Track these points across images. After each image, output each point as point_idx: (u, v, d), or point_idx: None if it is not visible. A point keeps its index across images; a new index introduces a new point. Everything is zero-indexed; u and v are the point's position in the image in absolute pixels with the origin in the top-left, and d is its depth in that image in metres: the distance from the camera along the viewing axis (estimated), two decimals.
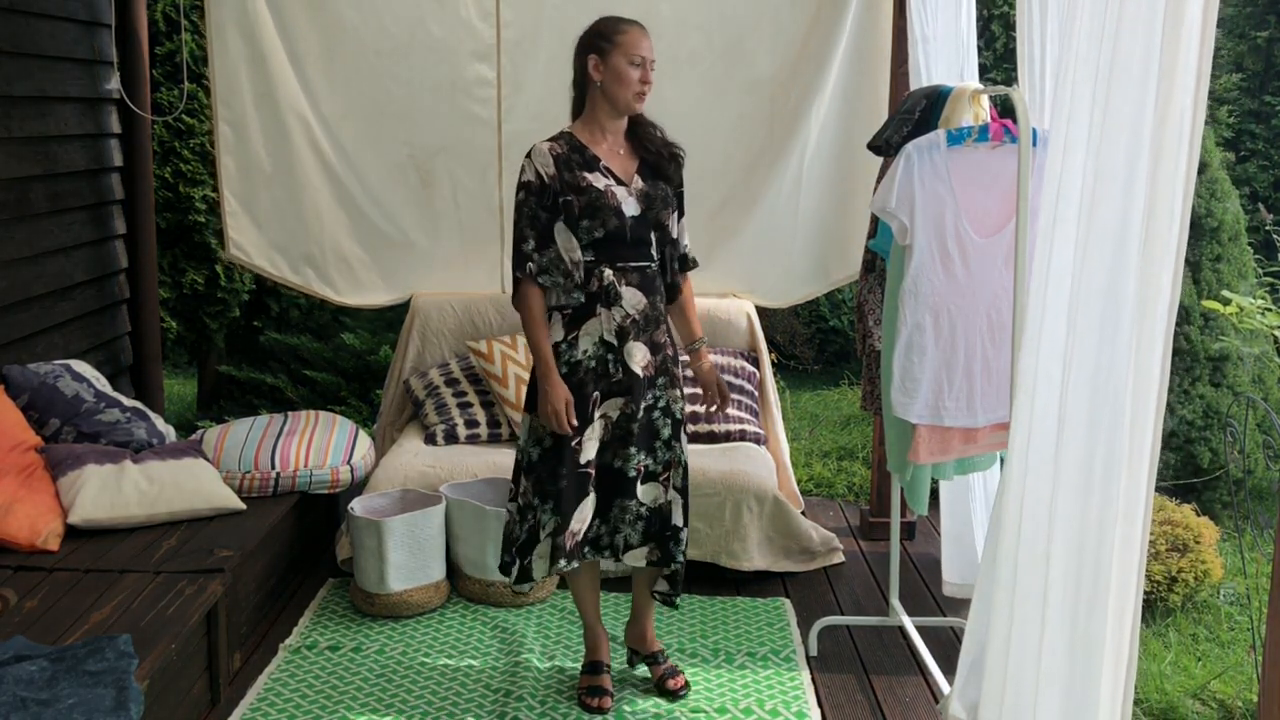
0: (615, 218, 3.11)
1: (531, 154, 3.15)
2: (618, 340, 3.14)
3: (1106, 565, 2.02)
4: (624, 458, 3.18)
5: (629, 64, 3.10)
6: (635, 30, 3.14)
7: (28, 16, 4.18)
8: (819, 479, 5.73)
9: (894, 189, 2.83)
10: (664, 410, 3.23)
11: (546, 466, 3.15)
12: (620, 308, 3.13)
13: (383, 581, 3.79)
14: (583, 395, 3.13)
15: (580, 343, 3.14)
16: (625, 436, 3.17)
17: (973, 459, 3.12)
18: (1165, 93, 1.86)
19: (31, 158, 4.20)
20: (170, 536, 3.59)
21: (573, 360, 3.14)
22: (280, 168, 4.70)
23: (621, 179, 3.16)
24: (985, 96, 3.06)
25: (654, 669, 3.43)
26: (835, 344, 8.25)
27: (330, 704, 3.30)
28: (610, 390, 3.16)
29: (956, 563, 3.93)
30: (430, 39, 4.61)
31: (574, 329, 3.14)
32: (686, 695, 3.35)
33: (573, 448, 3.12)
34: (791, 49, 4.63)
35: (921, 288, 2.82)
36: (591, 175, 3.13)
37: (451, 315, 4.81)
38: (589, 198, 3.10)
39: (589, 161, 3.15)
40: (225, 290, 6.38)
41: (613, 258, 3.13)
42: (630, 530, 3.22)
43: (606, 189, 3.12)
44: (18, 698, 2.50)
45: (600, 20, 3.18)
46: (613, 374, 3.14)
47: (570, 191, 3.11)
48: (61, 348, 4.37)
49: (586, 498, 3.16)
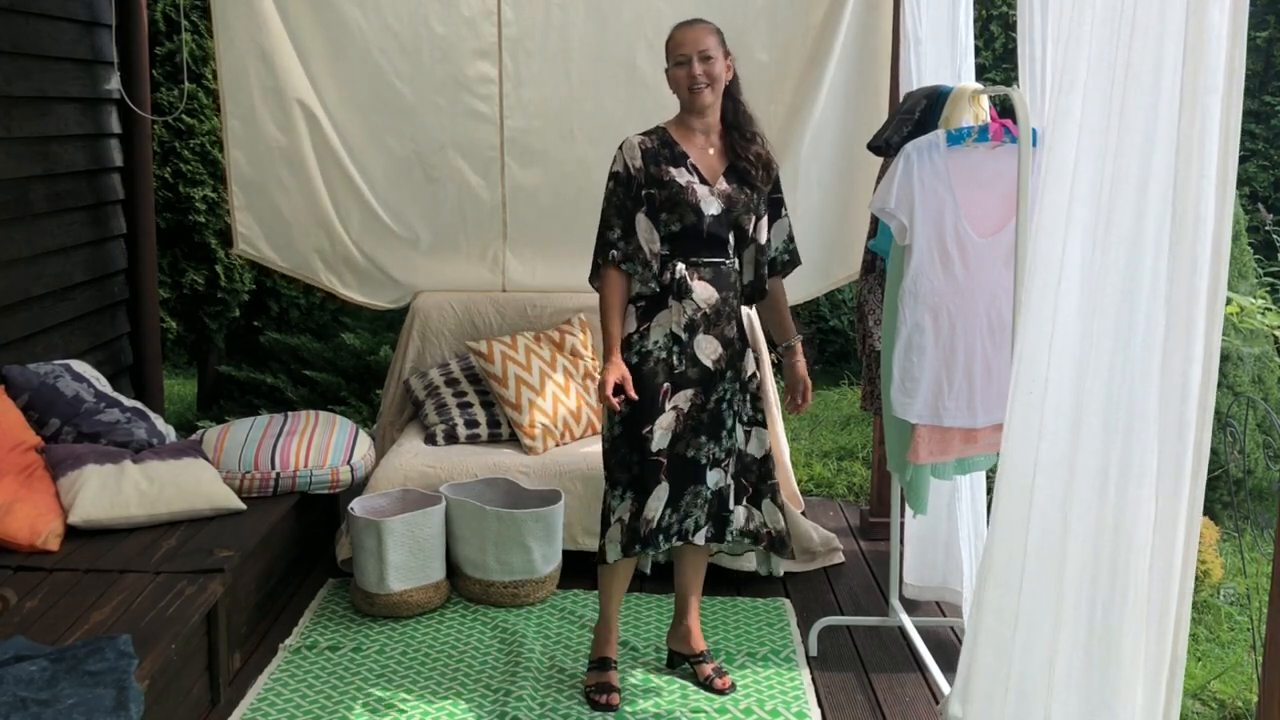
0: (693, 214, 3.18)
1: (623, 146, 3.25)
2: (687, 333, 3.21)
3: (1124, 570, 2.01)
4: (696, 447, 3.24)
5: (676, 65, 3.19)
6: (678, 31, 3.21)
7: (28, 16, 4.18)
8: (819, 479, 5.73)
9: (893, 189, 2.83)
10: (728, 403, 3.29)
11: (618, 453, 3.24)
12: (691, 301, 3.20)
13: (383, 581, 3.79)
14: (653, 385, 3.19)
15: (652, 334, 3.21)
16: (697, 427, 3.23)
17: (972, 459, 3.12)
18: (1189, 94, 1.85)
19: (31, 158, 4.20)
20: (170, 536, 3.59)
21: (644, 350, 3.21)
22: (289, 162, 4.72)
23: (706, 178, 3.22)
24: (985, 96, 3.07)
25: (700, 668, 3.44)
26: (835, 344, 8.25)
27: (330, 704, 3.30)
28: (680, 382, 3.22)
29: (917, 564, 3.92)
30: (433, 36, 4.64)
31: (646, 320, 3.22)
32: (734, 693, 3.37)
33: (643, 435, 3.19)
34: (791, 49, 4.64)
35: (921, 288, 2.82)
36: (675, 170, 3.20)
37: (451, 315, 4.81)
38: (669, 191, 3.18)
39: (676, 157, 3.22)
40: (225, 290, 6.38)
41: (687, 252, 3.21)
42: (700, 513, 3.28)
43: (688, 185, 3.19)
44: (18, 698, 2.50)
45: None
46: (679, 366, 3.21)
47: (653, 184, 3.20)
48: (61, 348, 4.37)
49: (658, 485, 3.20)
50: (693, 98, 3.18)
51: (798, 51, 4.64)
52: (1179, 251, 1.89)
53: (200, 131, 6.17)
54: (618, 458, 3.23)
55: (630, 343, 3.22)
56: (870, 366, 3.51)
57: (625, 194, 3.21)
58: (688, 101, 3.21)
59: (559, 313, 4.78)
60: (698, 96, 3.17)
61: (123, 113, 4.78)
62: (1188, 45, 1.86)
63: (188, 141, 6.15)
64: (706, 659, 3.47)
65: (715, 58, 3.17)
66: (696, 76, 3.15)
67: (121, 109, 4.77)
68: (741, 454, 3.35)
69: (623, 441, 3.21)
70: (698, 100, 3.18)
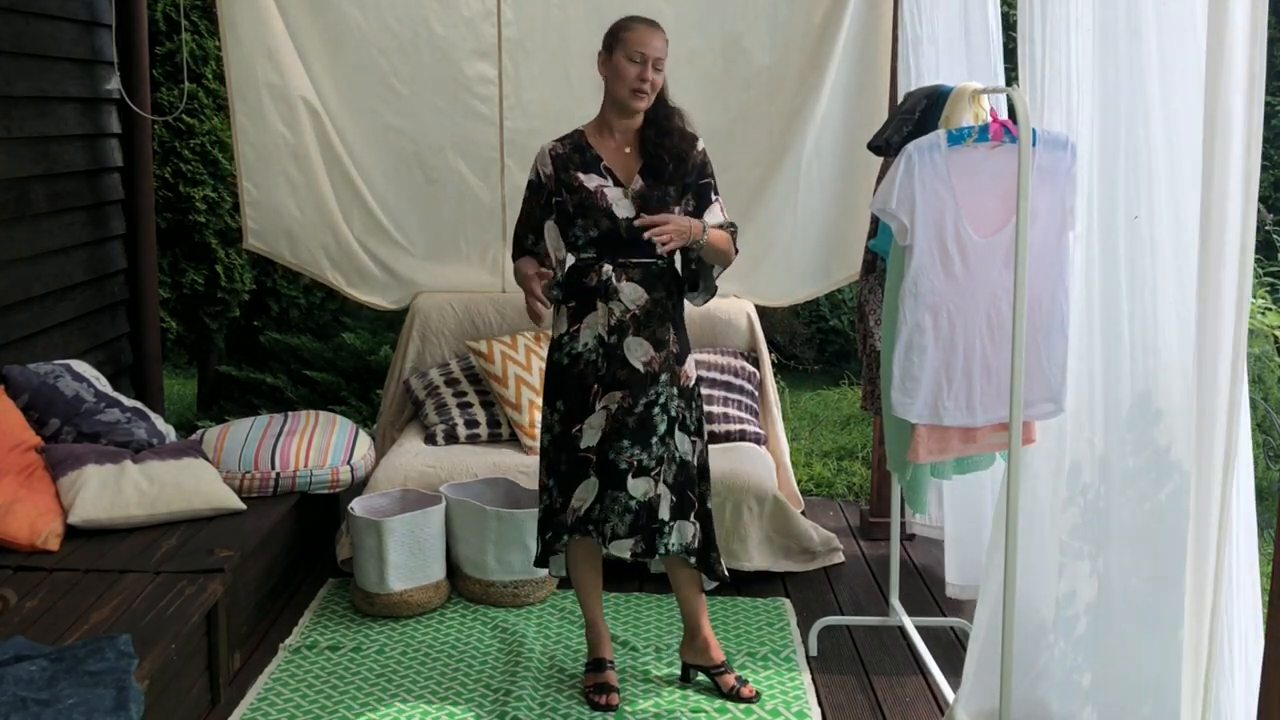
0: (606, 218, 3.17)
1: (538, 155, 3.27)
2: (615, 335, 3.19)
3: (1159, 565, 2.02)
4: (616, 450, 3.21)
5: (628, 60, 3.12)
6: (643, 28, 3.15)
7: (28, 16, 4.18)
8: (819, 479, 5.73)
9: (894, 189, 2.82)
10: (662, 407, 3.23)
11: (547, 458, 3.31)
12: (619, 302, 3.18)
13: (383, 581, 3.79)
14: (583, 386, 3.21)
15: (582, 335, 3.22)
16: (620, 429, 3.21)
17: (972, 459, 3.11)
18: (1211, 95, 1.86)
19: (31, 158, 4.20)
20: (170, 536, 3.59)
21: (574, 352, 3.22)
22: (296, 159, 4.74)
23: (620, 180, 3.19)
24: (985, 96, 3.06)
25: (723, 679, 3.37)
26: (835, 344, 8.25)
27: (330, 704, 3.30)
28: (609, 383, 3.21)
29: (959, 564, 3.92)
30: (433, 37, 4.64)
31: (576, 322, 3.22)
32: (760, 702, 3.33)
33: (572, 434, 3.22)
34: (791, 49, 4.63)
35: (921, 287, 2.81)
36: (585, 176, 3.18)
37: (451, 315, 4.81)
38: (580, 198, 3.18)
39: (588, 162, 3.20)
40: (225, 290, 6.37)
41: (613, 254, 3.19)
42: (618, 521, 3.23)
43: (597, 190, 3.17)
44: (18, 698, 2.50)
45: (620, 18, 3.21)
46: (604, 368, 3.20)
47: (564, 191, 3.20)
48: (61, 348, 4.37)
49: (586, 479, 3.24)
50: (633, 99, 3.14)
51: (798, 52, 4.63)
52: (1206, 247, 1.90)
53: (200, 131, 6.16)
54: (547, 461, 3.30)
55: (561, 344, 3.25)
56: (870, 366, 3.51)
57: (535, 202, 3.27)
58: (625, 100, 3.14)
59: None
60: (639, 99, 3.14)
61: (123, 113, 4.78)
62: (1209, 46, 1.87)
63: (188, 141, 6.14)
64: (727, 669, 3.40)
65: (663, 70, 3.16)
66: (645, 80, 3.12)
67: (121, 109, 4.77)
68: (686, 464, 3.27)
69: (553, 445, 3.27)
70: (637, 103, 3.15)
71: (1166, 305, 2.43)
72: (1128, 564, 2.54)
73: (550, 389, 3.29)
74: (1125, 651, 2.55)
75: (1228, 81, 1.84)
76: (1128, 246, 2.50)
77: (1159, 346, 2.45)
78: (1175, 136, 2.38)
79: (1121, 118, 2.49)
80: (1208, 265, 1.90)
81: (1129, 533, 2.54)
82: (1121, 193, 2.51)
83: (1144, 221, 2.43)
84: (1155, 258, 2.44)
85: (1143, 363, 2.48)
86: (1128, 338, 2.52)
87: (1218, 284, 1.89)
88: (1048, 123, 2.73)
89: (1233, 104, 1.84)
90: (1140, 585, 2.52)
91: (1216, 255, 1.89)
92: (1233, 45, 1.83)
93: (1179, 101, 2.36)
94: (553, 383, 3.29)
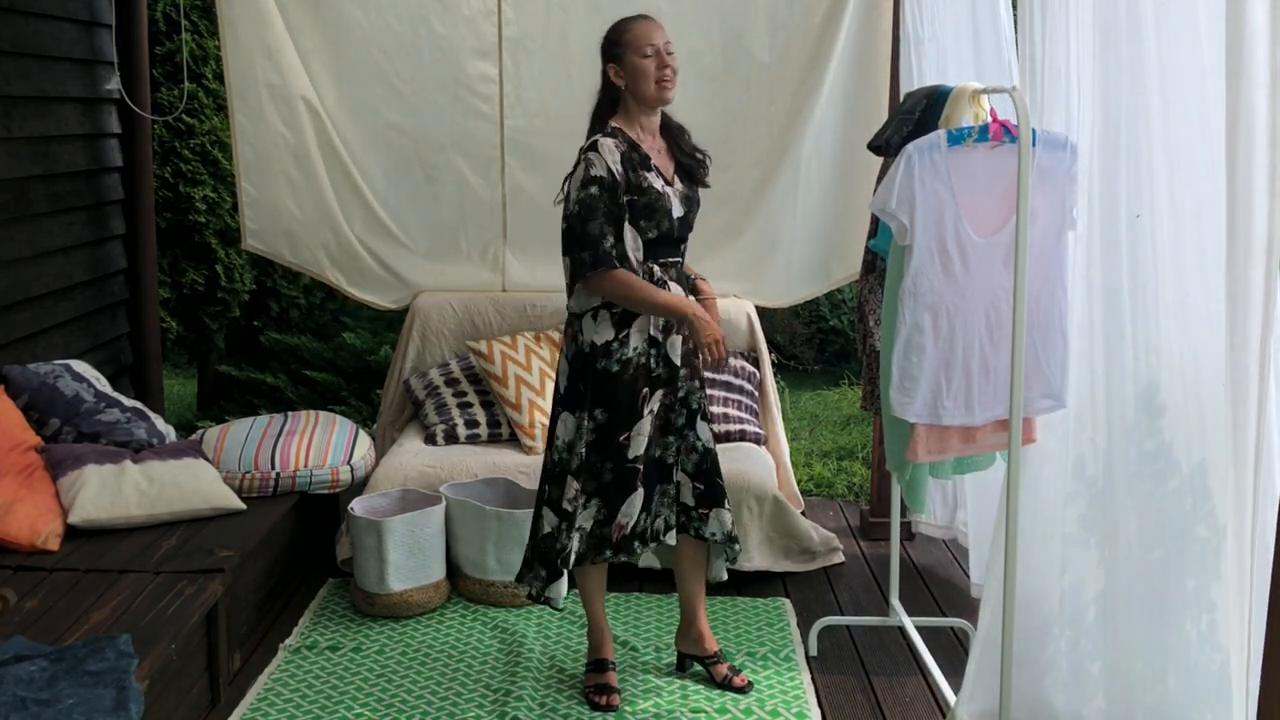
0: (668, 219, 3.17)
1: (600, 149, 3.10)
2: (664, 334, 3.20)
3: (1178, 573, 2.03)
4: (663, 446, 3.25)
5: (641, 58, 3.12)
6: (639, 24, 3.15)
7: (28, 16, 4.18)
8: (819, 479, 5.73)
9: (894, 189, 2.82)
10: (683, 401, 3.27)
11: (590, 462, 3.18)
12: None
13: (383, 581, 3.79)
14: (633, 391, 3.17)
15: (631, 340, 3.17)
16: (665, 426, 3.24)
17: (972, 459, 3.12)
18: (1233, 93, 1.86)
19: (31, 158, 4.20)
20: (170, 536, 3.59)
21: (624, 358, 3.17)
22: (296, 158, 4.73)
23: (666, 179, 3.20)
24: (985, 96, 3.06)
25: (716, 668, 3.43)
26: (835, 344, 8.25)
27: (330, 704, 3.30)
28: (656, 383, 3.21)
29: (983, 561, 3.92)
30: (434, 36, 4.65)
31: (624, 327, 3.17)
32: (751, 693, 3.37)
33: (620, 443, 3.16)
34: (791, 48, 4.63)
35: (920, 287, 2.82)
36: (650, 175, 3.16)
37: (451, 315, 4.81)
38: (649, 199, 3.13)
39: (644, 160, 3.17)
40: (225, 290, 6.38)
41: (659, 255, 3.19)
42: (669, 512, 3.30)
43: (663, 191, 3.16)
44: (18, 698, 2.50)
45: (610, 28, 3.20)
46: (656, 368, 3.20)
47: (634, 191, 3.12)
48: (61, 348, 4.37)
49: (634, 493, 3.18)
50: (662, 91, 3.13)
51: (798, 52, 4.63)
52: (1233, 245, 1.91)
53: (200, 131, 6.17)
54: (586, 466, 3.17)
55: (609, 351, 3.15)
56: (870, 366, 3.51)
57: (610, 201, 3.07)
58: (654, 95, 3.13)
59: (559, 313, 4.77)
60: (668, 90, 3.14)
61: (123, 113, 4.78)
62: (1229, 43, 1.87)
63: (188, 141, 6.14)
64: (721, 659, 3.45)
65: (674, 53, 3.15)
66: (666, 68, 3.11)
67: (121, 109, 4.77)
68: (710, 451, 3.33)
69: (593, 449, 3.17)
70: (667, 94, 3.14)
71: (1168, 303, 2.43)
72: (1134, 557, 2.55)
73: (590, 398, 3.16)
74: (1131, 641, 2.56)
75: (1249, 78, 1.84)
76: (1129, 245, 2.50)
77: (1161, 344, 2.46)
78: (1175, 135, 2.38)
79: (1122, 117, 2.49)
80: (1235, 263, 1.91)
81: (1134, 526, 2.54)
82: (1123, 192, 2.52)
83: (1145, 220, 2.44)
84: (1156, 256, 2.44)
85: (1145, 360, 2.49)
86: (1130, 335, 2.52)
87: (1245, 282, 1.90)
88: (1048, 123, 2.73)
89: (1255, 100, 1.84)
90: (1145, 577, 2.52)
91: (1243, 253, 1.89)
92: (1252, 42, 1.83)
93: (1179, 100, 2.36)
94: (597, 391, 3.16)
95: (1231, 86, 1.88)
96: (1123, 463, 2.57)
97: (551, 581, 3.21)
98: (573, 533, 3.18)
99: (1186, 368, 2.41)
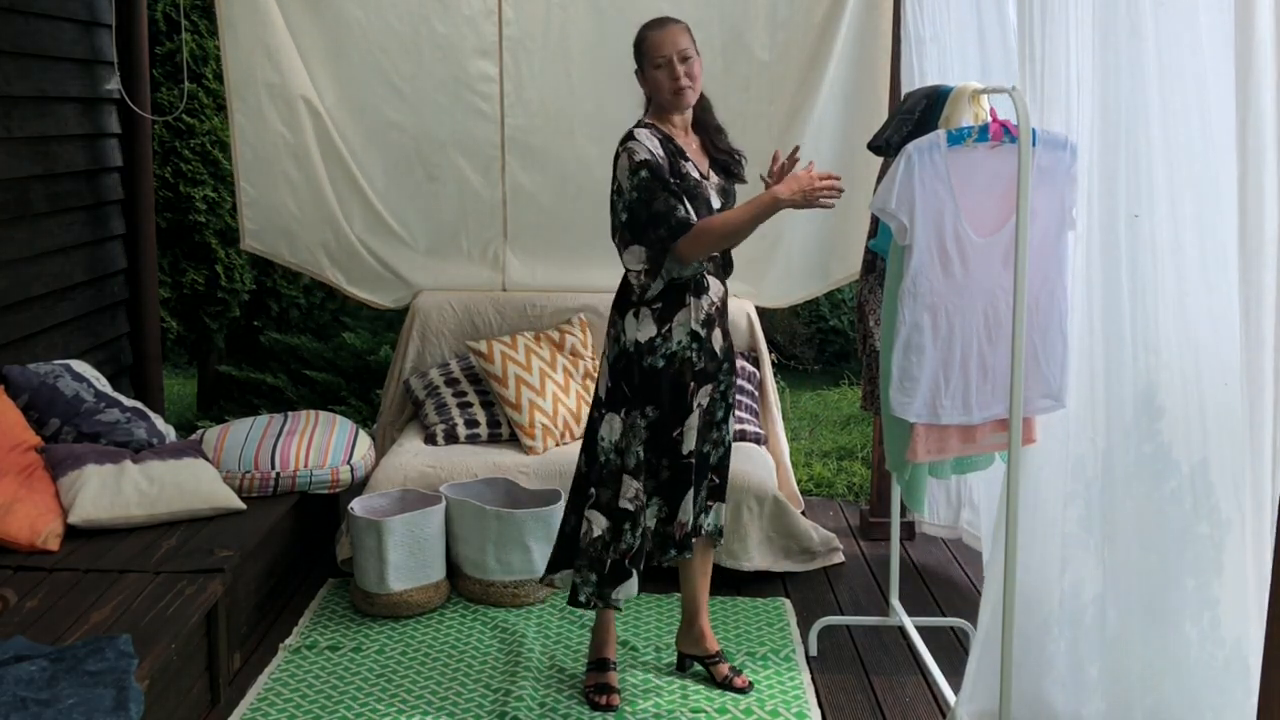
0: (706, 209, 3.16)
1: (636, 138, 3.11)
2: (705, 328, 3.20)
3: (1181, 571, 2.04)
4: (709, 441, 3.29)
5: (654, 69, 3.14)
6: (653, 33, 3.17)
7: (28, 16, 4.18)
8: (819, 479, 5.73)
9: (894, 189, 2.82)
10: (723, 395, 3.30)
11: (648, 461, 3.17)
12: (708, 296, 3.20)
13: (383, 581, 3.79)
14: (680, 385, 3.17)
15: (674, 334, 3.17)
16: (711, 422, 3.27)
17: (971, 459, 3.12)
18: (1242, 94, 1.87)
19: (31, 158, 4.20)
20: (170, 536, 3.59)
21: (668, 352, 3.17)
22: (295, 158, 4.74)
23: (702, 173, 3.21)
24: (985, 96, 3.06)
25: (717, 668, 3.43)
26: (835, 344, 8.25)
27: (330, 704, 3.30)
28: (701, 378, 3.22)
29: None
30: (434, 35, 4.66)
31: (666, 322, 3.16)
32: (736, 693, 3.37)
33: (673, 439, 3.17)
34: (791, 47, 4.64)
35: (920, 287, 2.82)
36: (687, 165, 3.17)
37: (451, 315, 4.81)
38: (688, 186, 3.13)
39: (679, 151, 3.18)
40: (225, 290, 6.38)
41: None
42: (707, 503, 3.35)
43: (700, 180, 3.17)
44: (18, 698, 2.50)
45: (639, 30, 3.22)
46: (699, 362, 3.20)
47: (675, 176, 3.12)
48: (61, 348, 4.37)
49: (690, 489, 3.21)
50: (677, 99, 3.15)
51: (798, 51, 4.63)
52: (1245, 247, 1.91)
53: (200, 131, 6.17)
54: (644, 465, 3.16)
55: (653, 347, 3.15)
56: (870, 366, 3.51)
57: (664, 176, 3.06)
58: (671, 103, 3.15)
59: (559, 313, 4.78)
60: (682, 97, 3.15)
61: (123, 113, 4.78)
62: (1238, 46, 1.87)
63: (188, 141, 6.15)
64: (722, 659, 3.46)
65: (692, 57, 3.16)
66: (680, 78, 3.12)
67: (121, 109, 4.77)
68: (730, 446, 3.39)
69: (650, 448, 3.16)
70: (683, 100, 3.15)
71: (1167, 303, 2.44)
72: (1133, 557, 2.55)
73: (641, 395, 3.15)
74: (1130, 641, 2.56)
75: (1258, 80, 1.84)
76: (1128, 245, 2.50)
77: (1160, 345, 2.46)
78: (1174, 135, 2.39)
79: (1122, 117, 2.49)
80: (1248, 265, 1.91)
81: (1133, 527, 2.55)
82: (1122, 192, 2.52)
83: (1144, 220, 2.44)
84: (1156, 256, 2.45)
85: (1144, 361, 2.49)
86: (1129, 336, 2.53)
87: (1259, 284, 1.90)
88: (1048, 123, 2.73)
89: (1264, 102, 1.85)
90: (1144, 579, 2.52)
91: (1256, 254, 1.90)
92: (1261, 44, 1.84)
93: (1177, 100, 2.36)
94: (644, 389, 3.15)
95: (1240, 88, 1.88)
96: (1122, 463, 2.57)
97: (606, 586, 3.18)
98: (638, 532, 3.17)
99: (1186, 367, 2.41)
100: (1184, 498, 2.40)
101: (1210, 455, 2.34)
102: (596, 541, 3.19)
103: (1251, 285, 1.92)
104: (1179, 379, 2.42)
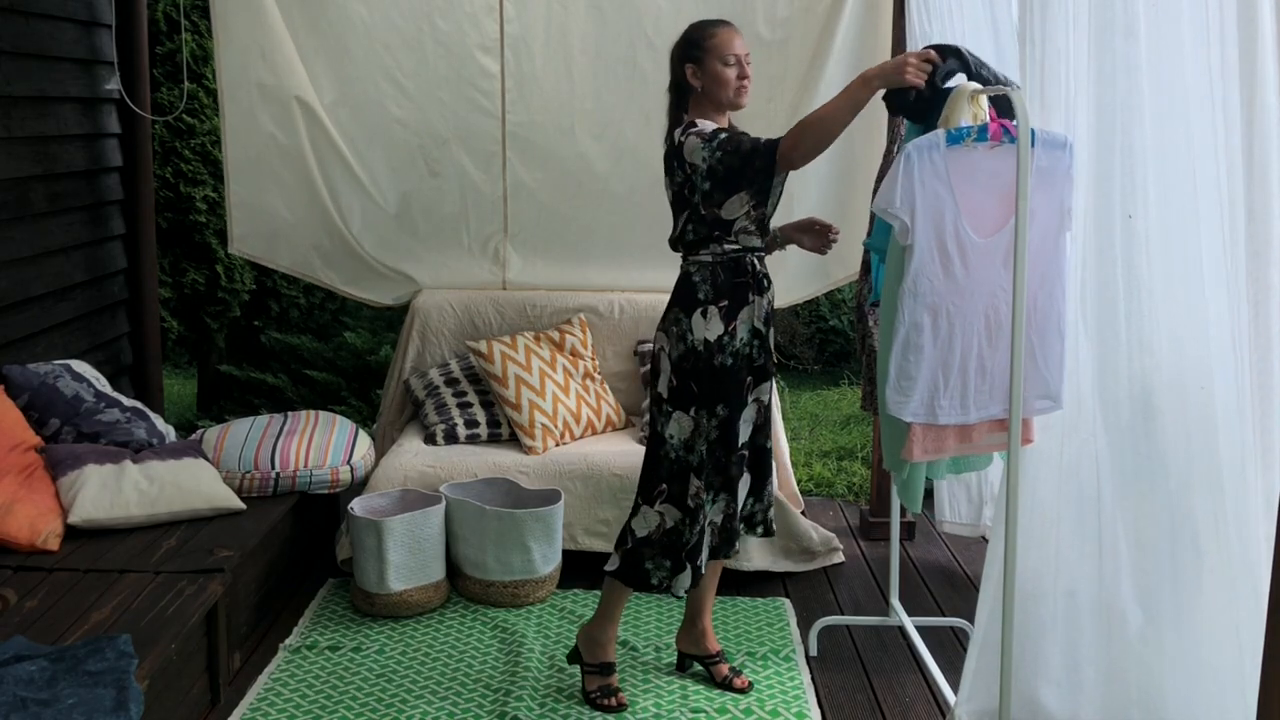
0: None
1: (699, 124, 3.12)
2: (765, 326, 3.23)
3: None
4: (766, 435, 3.32)
5: (723, 65, 3.13)
6: (723, 31, 3.17)
7: (28, 16, 4.18)
8: (819, 479, 5.73)
9: (897, 189, 2.82)
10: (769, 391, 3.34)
11: (715, 457, 3.19)
12: (768, 294, 3.24)
13: (383, 581, 3.79)
14: (739, 382, 3.19)
15: (738, 332, 3.18)
16: (768, 418, 3.30)
17: (968, 459, 3.12)
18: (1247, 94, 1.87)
19: (31, 158, 4.20)
20: (170, 536, 3.59)
21: (733, 350, 3.18)
22: (288, 159, 4.73)
23: None
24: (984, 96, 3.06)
25: (717, 668, 3.44)
26: (835, 344, 8.25)
27: (330, 704, 3.30)
28: (759, 374, 3.25)
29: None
30: (437, 32, 4.68)
31: (731, 320, 3.17)
32: (736, 693, 3.38)
33: (734, 434, 3.20)
34: (791, 46, 4.64)
35: (920, 287, 2.82)
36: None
37: (451, 315, 4.82)
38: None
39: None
40: (225, 290, 6.38)
41: (755, 247, 3.20)
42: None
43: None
44: (18, 698, 2.50)
45: (690, 27, 3.22)
46: (758, 358, 3.23)
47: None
48: (61, 348, 4.37)
49: (742, 479, 3.25)
50: (739, 97, 3.16)
51: (798, 49, 4.64)
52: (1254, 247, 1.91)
53: (200, 131, 6.17)
54: (711, 462, 3.17)
55: (722, 345, 3.15)
56: (870, 366, 3.51)
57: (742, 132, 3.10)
58: (731, 100, 3.16)
59: (559, 313, 4.78)
60: (744, 96, 3.17)
61: (123, 113, 4.78)
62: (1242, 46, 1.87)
63: (188, 141, 6.15)
64: (722, 659, 3.46)
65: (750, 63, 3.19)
66: (745, 78, 3.15)
67: (121, 109, 4.77)
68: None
69: (718, 445, 3.17)
70: (743, 99, 3.17)
71: (1162, 304, 2.44)
72: (1131, 558, 2.55)
73: (712, 394, 3.16)
74: (1128, 644, 2.56)
75: (1263, 80, 1.85)
76: (1123, 246, 2.50)
77: (1155, 345, 2.46)
78: (1168, 136, 2.39)
79: (1117, 117, 2.50)
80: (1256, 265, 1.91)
81: (1130, 528, 2.54)
82: (1116, 192, 2.52)
83: (1139, 221, 2.44)
84: (1150, 257, 2.45)
85: (1139, 362, 2.49)
86: (1124, 337, 2.53)
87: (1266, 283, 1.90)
88: (1047, 123, 2.73)
89: (1268, 102, 1.85)
90: (1142, 579, 2.52)
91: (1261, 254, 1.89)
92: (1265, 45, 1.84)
93: (1171, 101, 2.36)
94: (714, 388, 3.16)
95: (1245, 88, 1.88)
96: (1119, 464, 2.57)
97: (678, 573, 3.21)
98: (696, 529, 3.19)
99: (1185, 367, 2.41)
100: (1182, 498, 2.40)
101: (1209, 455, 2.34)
102: (671, 532, 3.22)
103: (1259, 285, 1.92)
104: (1175, 379, 2.42)
